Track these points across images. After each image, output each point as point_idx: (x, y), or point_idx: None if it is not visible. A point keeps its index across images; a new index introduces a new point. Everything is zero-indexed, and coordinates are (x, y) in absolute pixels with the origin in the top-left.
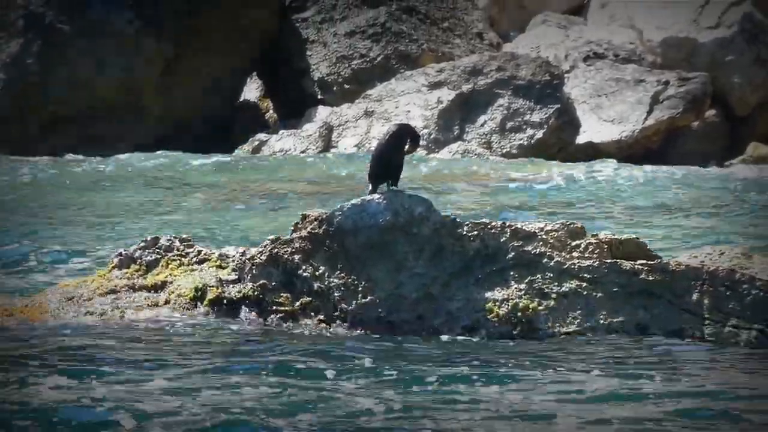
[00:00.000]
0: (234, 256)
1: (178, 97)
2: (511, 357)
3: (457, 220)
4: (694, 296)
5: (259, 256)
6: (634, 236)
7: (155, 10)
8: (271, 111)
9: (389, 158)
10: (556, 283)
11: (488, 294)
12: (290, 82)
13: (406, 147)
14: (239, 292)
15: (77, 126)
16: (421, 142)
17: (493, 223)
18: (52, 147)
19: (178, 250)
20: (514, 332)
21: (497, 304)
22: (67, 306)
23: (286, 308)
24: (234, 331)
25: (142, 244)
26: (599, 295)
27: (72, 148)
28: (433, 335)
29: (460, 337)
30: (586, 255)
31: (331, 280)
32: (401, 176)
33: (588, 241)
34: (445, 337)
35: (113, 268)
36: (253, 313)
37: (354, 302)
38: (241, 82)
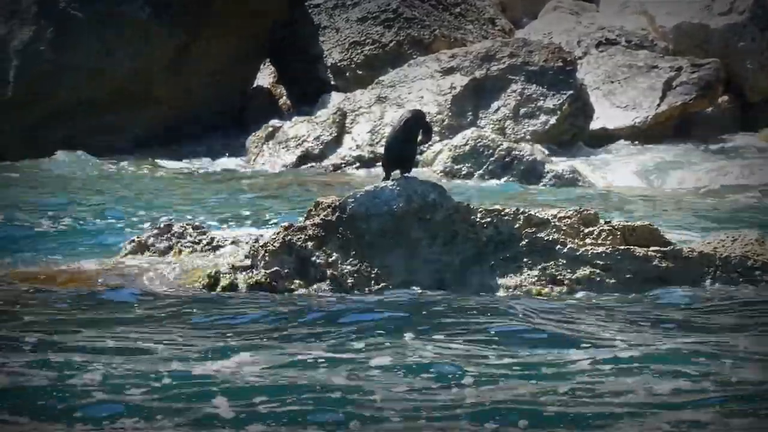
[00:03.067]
0: (247, 242)
1: (190, 85)
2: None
3: (471, 206)
4: (708, 282)
5: (272, 242)
6: (647, 223)
7: None
8: (284, 97)
9: (402, 145)
10: (569, 270)
11: (501, 281)
12: (303, 68)
13: (419, 137)
14: (252, 278)
15: (89, 113)
16: (435, 128)
17: (507, 210)
18: (64, 134)
19: (190, 236)
20: None
21: (510, 290)
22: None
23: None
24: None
25: (155, 230)
26: (612, 281)
27: (84, 135)
28: None
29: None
30: (600, 242)
31: (345, 266)
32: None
33: (601, 228)
34: None
35: (126, 255)
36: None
37: (367, 289)
38: (254, 69)
